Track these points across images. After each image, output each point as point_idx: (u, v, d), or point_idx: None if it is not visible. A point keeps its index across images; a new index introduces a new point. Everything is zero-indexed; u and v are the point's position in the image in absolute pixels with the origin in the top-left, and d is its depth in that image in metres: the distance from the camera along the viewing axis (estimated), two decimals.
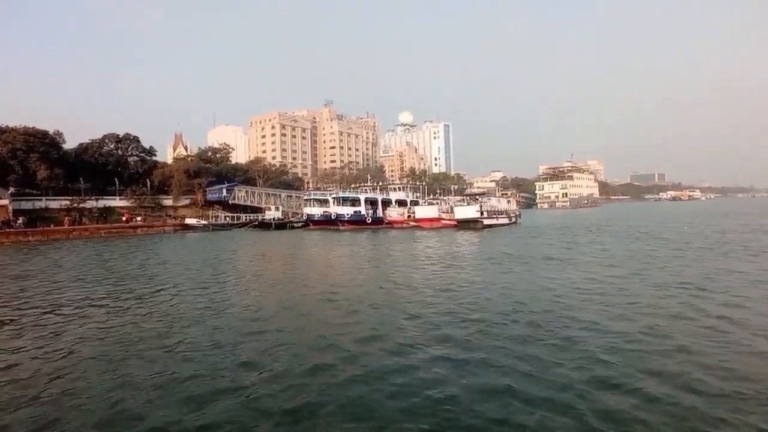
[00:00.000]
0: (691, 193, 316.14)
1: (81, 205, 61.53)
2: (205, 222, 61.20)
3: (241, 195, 75.92)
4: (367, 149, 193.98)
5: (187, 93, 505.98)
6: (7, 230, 46.51)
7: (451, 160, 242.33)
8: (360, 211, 54.73)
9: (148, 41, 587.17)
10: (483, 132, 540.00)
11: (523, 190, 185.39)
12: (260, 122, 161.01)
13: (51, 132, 65.23)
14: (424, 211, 53.10)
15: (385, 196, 59.51)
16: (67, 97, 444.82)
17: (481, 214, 47.61)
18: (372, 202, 57.37)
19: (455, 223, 49.34)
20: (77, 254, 31.77)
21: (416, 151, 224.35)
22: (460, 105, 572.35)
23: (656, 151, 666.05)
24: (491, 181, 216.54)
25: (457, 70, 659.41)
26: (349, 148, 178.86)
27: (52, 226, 51.99)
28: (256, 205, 72.90)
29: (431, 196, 62.52)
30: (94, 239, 47.51)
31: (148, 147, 79.39)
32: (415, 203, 59.14)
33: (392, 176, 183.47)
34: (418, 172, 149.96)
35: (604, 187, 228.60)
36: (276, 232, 52.13)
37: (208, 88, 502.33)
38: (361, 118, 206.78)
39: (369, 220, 54.57)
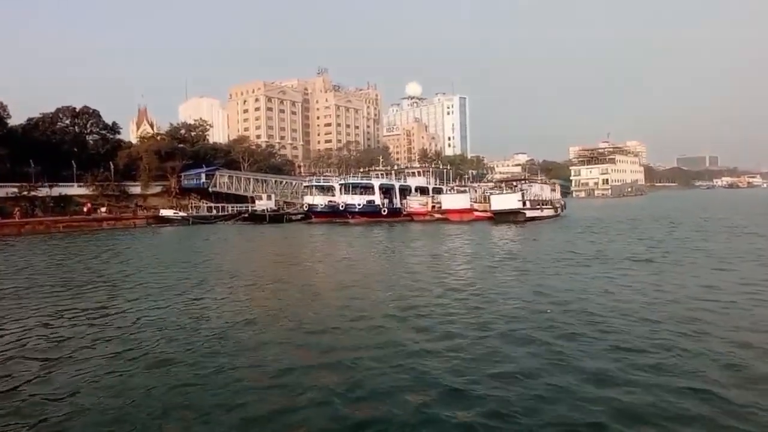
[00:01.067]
0: (750, 179, 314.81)
1: (32, 193, 59.73)
2: (185, 214, 59.56)
3: (224, 181, 74.37)
4: (368, 126, 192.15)
5: (152, 60, 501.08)
6: None
7: (467, 141, 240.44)
8: (374, 201, 53.01)
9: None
10: (502, 109, 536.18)
11: (554, 175, 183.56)
12: (242, 94, 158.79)
13: None
14: (453, 201, 51.54)
15: (402, 183, 57.70)
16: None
17: (524, 204, 46.05)
18: (388, 190, 55.61)
19: (490, 215, 47.97)
20: (27, 254, 30.14)
21: (426, 129, 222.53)
22: (474, 77, 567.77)
23: (705, 131, 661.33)
24: (515, 165, 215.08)
25: (471, 36, 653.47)
26: (348, 126, 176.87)
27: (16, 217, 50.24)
28: (241, 193, 71.26)
29: (457, 183, 60.73)
30: (51, 234, 45.87)
31: (110, 123, 77.78)
32: (438, 191, 57.65)
33: (398, 159, 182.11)
34: (430, 154, 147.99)
35: (649, 172, 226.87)
36: (271, 227, 50.52)
37: (178, 54, 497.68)
38: (361, 90, 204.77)
39: (384, 211, 52.91)
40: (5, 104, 65.72)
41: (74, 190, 65.85)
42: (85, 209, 58.34)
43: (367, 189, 55.06)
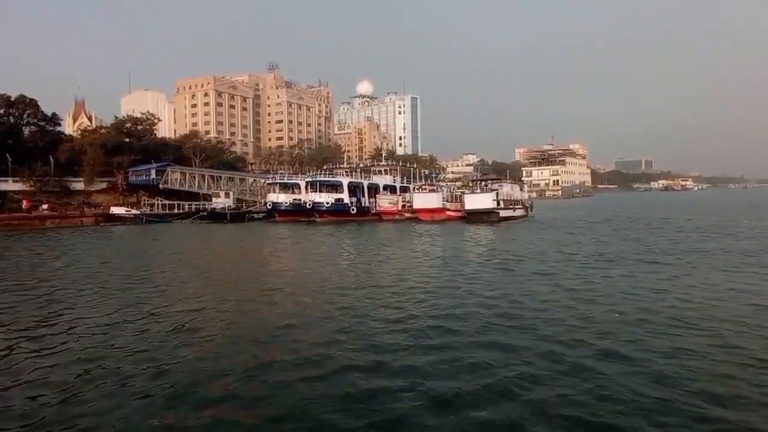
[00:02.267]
0: (684, 182, 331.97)
1: None
2: (138, 212, 55.76)
3: (176, 178, 70.56)
4: (319, 125, 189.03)
5: (90, 48, 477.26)
6: None
7: (419, 140, 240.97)
8: (342, 200, 51.10)
9: None
10: (448, 110, 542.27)
11: (505, 176, 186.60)
12: (190, 88, 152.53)
13: None
14: (425, 200, 50.38)
15: (371, 181, 56.01)
16: None
17: (498, 204, 45.49)
18: (355, 188, 53.79)
19: (461, 214, 47.36)
20: None
21: (378, 128, 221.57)
22: (422, 78, 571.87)
23: (640, 137, 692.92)
24: (467, 165, 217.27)
25: (420, 38, 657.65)
26: (300, 123, 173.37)
27: None
28: (195, 190, 67.77)
29: (424, 182, 59.70)
30: None
31: (49, 114, 72.36)
32: (404, 189, 56.40)
33: (349, 158, 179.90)
34: (384, 153, 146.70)
35: (591, 175, 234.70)
36: (231, 226, 47.81)
37: (119, 43, 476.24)
38: (313, 87, 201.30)
39: (353, 210, 51.18)
40: None
41: (9, 185, 60.77)
42: (23, 206, 53.52)
43: (335, 187, 53.14)
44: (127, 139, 77.10)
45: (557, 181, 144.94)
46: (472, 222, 44.47)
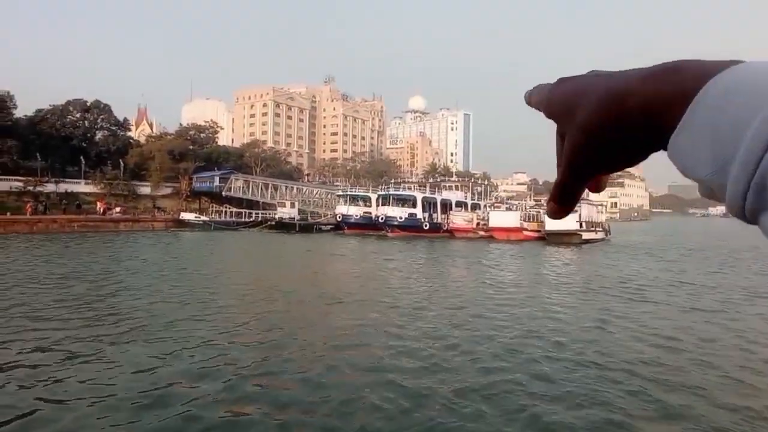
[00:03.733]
0: None
1: (38, 189, 55.78)
2: (207, 218, 55.69)
3: (238, 186, 70.62)
4: (372, 138, 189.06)
5: (152, 59, 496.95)
6: None
7: (470, 157, 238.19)
8: (415, 214, 49.54)
9: None
10: (497, 127, 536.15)
11: None
12: (249, 98, 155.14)
13: None
14: (501, 218, 48.30)
15: (444, 197, 54.24)
16: None
17: (581, 225, 43.12)
18: (430, 204, 52.15)
19: (539, 235, 45.28)
20: (42, 256, 26.36)
21: (430, 144, 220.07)
22: (472, 94, 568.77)
23: None
24: (518, 183, 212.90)
25: (470, 52, 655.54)
26: (354, 136, 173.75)
27: (8, 214, 46.22)
28: (257, 199, 67.46)
29: (495, 199, 57.61)
30: (65, 234, 42.01)
31: (121, 119, 74.07)
32: (475, 207, 54.51)
33: (401, 172, 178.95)
34: (439, 169, 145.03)
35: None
36: (301, 236, 46.82)
37: (179, 54, 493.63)
38: (366, 101, 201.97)
39: (426, 225, 49.52)
40: (12, 94, 61.97)
41: (81, 187, 62.08)
42: (99, 209, 54.34)
43: (407, 202, 51.64)
44: (191, 147, 78.09)
45: (615, 203, 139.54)
46: (552, 243, 42.33)
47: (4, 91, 60.31)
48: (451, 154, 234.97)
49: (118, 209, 55.75)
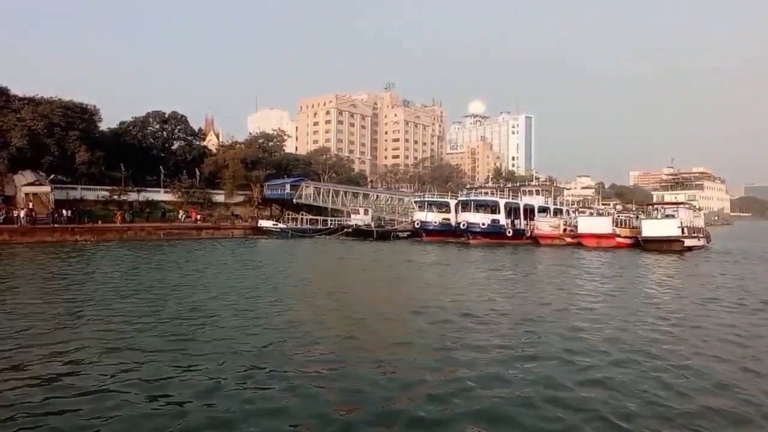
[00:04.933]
0: None
1: (122, 197, 57.74)
2: (284, 225, 55.94)
3: (309, 193, 70.74)
4: (432, 143, 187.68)
5: (215, 72, 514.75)
6: (53, 225, 42.44)
7: (532, 161, 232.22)
8: (498, 221, 47.71)
9: (166, 8, 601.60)
10: (558, 130, 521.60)
11: (628, 200, 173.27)
12: (312, 106, 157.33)
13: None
14: (591, 224, 45.78)
15: (526, 203, 52.06)
16: (66, 78, 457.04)
17: (683, 231, 40.15)
18: (512, 209, 50.21)
19: (632, 242, 42.62)
20: (140, 260, 26.56)
21: (491, 148, 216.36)
22: (533, 98, 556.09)
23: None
24: (583, 187, 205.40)
25: (529, 53, 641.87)
26: (416, 142, 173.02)
27: (100, 222, 47.85)
28: (329, 206, 67.37)
29: (579, 205, 54.97)
30: (152, 241, 42.97)
31: (196, 129, 76.01)
32: (557, 212, 52.10)
33: (462, 178, 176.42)
34: (504, 174, 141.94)
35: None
36: (379, 244, 45.95)
37: (243, 67, 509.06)
38: (427, 106, 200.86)
39: (510, 232, 47.61)
40: (97, 107, 64.57)
41: (161, 195, 63.84)
42: (191, 217, 56.60)
43: (489, 208, 49.90)
44: (264, 155, 79.16)
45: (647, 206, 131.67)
46: (649, 250, 39.58)
47: (90, 105, 62.93)
48: (513, 158, 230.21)
49: (198, 217, 56.88)
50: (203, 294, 17.41)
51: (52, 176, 50.29)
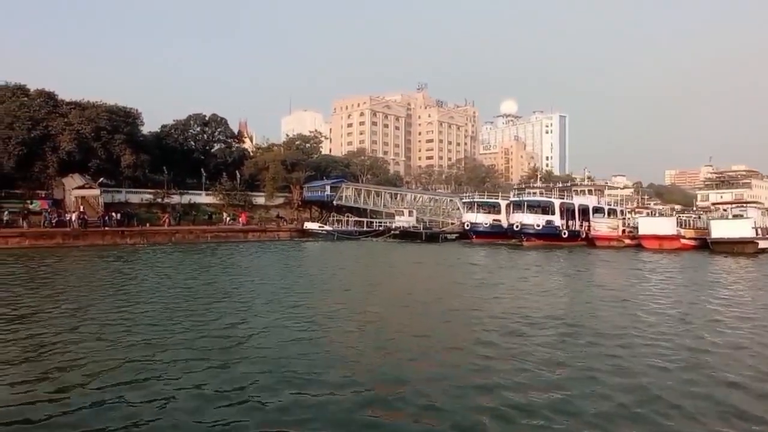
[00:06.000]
0: None
1: (165, 200, 57.94)
2: (330, 228, 55.28)
3: (349, 194, 70.02)
4: (465, 144, 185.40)
5: (247, 75, 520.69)
6: (104, 228, 42.57)
7: (566, 160, 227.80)
8: (553, 222, 46.06)
9: (195, 9, 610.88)
10: (592, 129, 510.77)
11: (668, 200, 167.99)
12: (346, 108, 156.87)
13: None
14: (653, 225, 43.80)
15: (581, 203, 50.21)
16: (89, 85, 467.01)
17: (756, 232, 37.99)
18: (567, 210, 48.48)
19: (698, 243, 40.55)
20: (193, 264, 26.03)
21: (524, 148, 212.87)
22: (565, 97, 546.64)
23: None
24: (622, 187, 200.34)
25: (561, 51, 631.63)
26: (450, 142, 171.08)
27: (148, 225, 48.03)
28: (370, 207, 66.50)
29: (637, 205, 52.90)
30: (201, 243, 42.76)
31: (236, 132, 76.14)
32: (611, 212, 50.17)
33: (496, 178, 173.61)
34: (542, 174, 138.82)
35: None
36: (429, 246, 44.78)
37: (276, 69, 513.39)
38: (459, 107, 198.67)
39: (565, 234, 45.92)
40: (139, 111, 64.97)
41: (203, 198, 64.01)
42: (240, 220, 56.55)
43: (542, 208, 48.31)
44: (304, 157, 78.86)
45: (715, 206, 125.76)
46: (718, 253, 37.44)
47: (133, 109, 63.40)
48: (547, 158, 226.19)
49: (243, 220, 56.62)
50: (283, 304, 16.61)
51: (101, 179, 50.61)
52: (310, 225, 55.36)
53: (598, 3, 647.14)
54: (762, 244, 38.30)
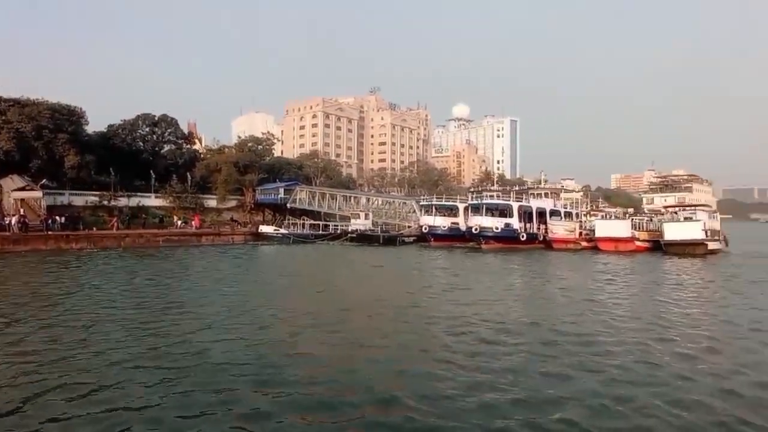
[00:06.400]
0: None
1: (112, 203, 55.80)
2: (285, 231, 54.44)
3: (303, 197, 69.33)
4: (417, 147, 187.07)
5: (195, 77, 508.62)
6: (47, 233, 40.45)
7: (517, 164, 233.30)
8: (511, 225, 46.81)
9: (144, 12, 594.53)
10: (540, 133, 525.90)
11: (615, 203, 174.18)
12: (299, 110, 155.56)
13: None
14: (609, 228, 45.19)
15: (539, 205, 51.25)
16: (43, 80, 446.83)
17: (706, 234, 39.96)
18: (525, 213, 49.41)
19: (649, 245, 42.36)
20: (145, 270, 25.27)
21: (476, 152, 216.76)
22: (515, 101, 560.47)
23: (749, 162, 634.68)
24: (566, 190, 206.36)
25: (506, 59, 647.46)
26: (402, 145, 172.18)
27: (95, 229, 46.03)
28: (325, 210, 65.97)
29: (591, 208, 54.68)
30: (152, 248, 41.30)
31: (187, 133, 74.22)
32: (568, 215, 51.67)
33: (451, 181, 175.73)
34: (495, 177, 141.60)
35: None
36: (388, 249, 44.75)
37: (223, 70, 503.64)
38: (412, 110, 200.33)
39: (523, 236, 46.81)
40: (84, 110, 62.32)
41: (152, 201, 62.08)
42: (194, 224, 54.48)
43: (501, 211, 49.07)
44: (257, 158, 77.62)
45: (667, 209, 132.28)
46: (671, 254, 39.21)
47: (77, 107, 60.75)
48: (498, 162, 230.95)
49: (196, 224, 54.93)
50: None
51: (43, 181, 48.31)
52: (265, 228, 54.43)
53: (550, 9, 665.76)
54: (711, 246, 40.45)
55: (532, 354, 11.25)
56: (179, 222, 54.75)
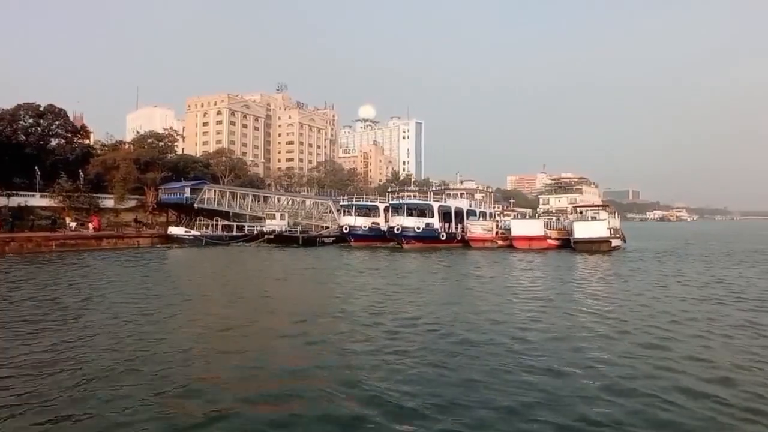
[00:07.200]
0: (678, 214, 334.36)
1: None
2: (197, 233, 50.51)
3: (211, 197, 65.47)
4: (326, 147, 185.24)
5: (85, 62, 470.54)
6: None
7: (422, 165, 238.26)
8: (432, 225, 46.61)
9: None
10: (441, 135, 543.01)
11: (517, 203, 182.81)
12: (202, 105, 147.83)
13: None
14: (524, 227, 46.55)
15: (457, 205, 51.57)
16: None
17: (611, 232, 42.14)
18: (444, 213, 49.43)
19: (560, 243, 44.14)
20: (33, 278, 21.90)
21: (383, 153, 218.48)
22: (419, 104, 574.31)
23: (625, 165, 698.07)
24: (469, 191, 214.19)
25: (419, 65, 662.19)
26: (310, 145, 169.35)
27: None
28: (232, 210, 62.54)
29: (504, 207, 56.00)
30: (43, 253, 36.34)
31: (79, 126, 67.53)
32: (483, 215, 52.69)
33: (359, 182, 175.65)
34: (402, 178, 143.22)
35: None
36: (308, 250, 42.89)
37: (120, 61, 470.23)
38: (319, 109, 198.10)
39: (443, 236, 46.84)
40: None
41: (37, 200, 55.50)
42: (91, 225, 48.86)
43: (421, 211, 48.90)
44: (160, 155, 72.37)
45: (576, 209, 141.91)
46: (579, 251, 41.07)
47: None
48: (404, 163, 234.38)
49: (93, 226, 49.35)
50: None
51: None
52: (175, 230, 50.30)
53: (454, 12, 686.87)
54: (614, 243, 43.06)
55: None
56: (72, 224, 49.09)
